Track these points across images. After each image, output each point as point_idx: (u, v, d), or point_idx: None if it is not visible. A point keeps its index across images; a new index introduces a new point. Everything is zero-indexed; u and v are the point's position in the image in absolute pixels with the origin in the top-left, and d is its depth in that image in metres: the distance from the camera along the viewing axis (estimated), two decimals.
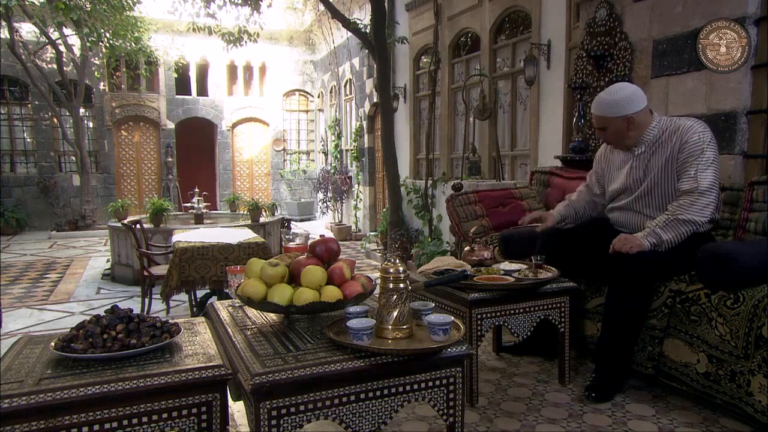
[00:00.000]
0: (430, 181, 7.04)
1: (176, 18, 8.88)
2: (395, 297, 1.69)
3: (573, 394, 2.54)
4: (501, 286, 2.42)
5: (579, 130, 4.26)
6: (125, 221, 5.13)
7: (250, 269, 1.90)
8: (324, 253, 1.96)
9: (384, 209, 8.16)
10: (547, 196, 4.11)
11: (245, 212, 6.95)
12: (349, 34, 7.97)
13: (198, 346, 1.66)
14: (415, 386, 1.63)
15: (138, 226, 4.96)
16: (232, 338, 1.74)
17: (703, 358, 2.30)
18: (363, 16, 8.16)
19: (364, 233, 9.49)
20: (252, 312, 2.04)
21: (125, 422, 1.40)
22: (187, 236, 4.62)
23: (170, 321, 1.73)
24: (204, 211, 6.88)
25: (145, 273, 4.65)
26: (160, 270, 4.58)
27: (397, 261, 1.73)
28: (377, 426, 1.58)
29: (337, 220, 10.56)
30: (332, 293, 1.81)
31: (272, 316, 1.97)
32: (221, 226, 5.96)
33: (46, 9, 9.08)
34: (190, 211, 7.08)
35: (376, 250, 7.90)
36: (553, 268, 2.60)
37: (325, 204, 10.94)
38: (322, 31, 10.84)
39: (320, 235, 2.14)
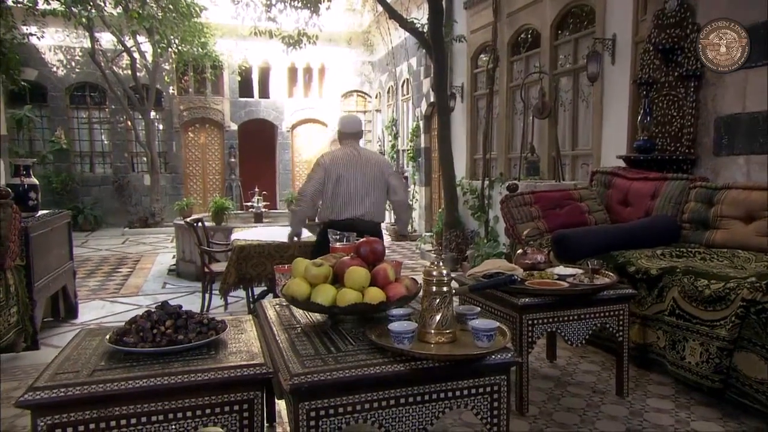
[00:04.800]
0: (486, 182, 6.91)
1: (239, 23, 9.18)
2: (438, 300, 1.65)
3: (632, 407, 2.40)
4: (554, 291, 2.32)
5: (645, 128, 4.04)
6: (188, 219, 5.34)
7: (295, 269, 1.92)
8: (369, 254, 1.95)
9: (440, 210, 8.08)
10: (608, 198, 3.93)
11: None
12: (407, 34, 7.95)
13: (243, 344, 1.68)
14: (458, 393, 1.58)
15: (200, 224, 5.14)
16: (276, 337, 1.76)
17: None
18: (421, 16, 8.11)
19: (419, 234, 9.44)
20: (298, 311, 2.05)
21: (170, 416, 1.44)
22: (245, 235, 4.75)
23: (217, 318, 1.76)
24: (263, 210, 7.05)
25: (206, 269, 4.82)
26: (220, 267, 4.73)
27: (441, 264, 1.69)
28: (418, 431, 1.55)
29: (392, 220, 10.55)
30: (375, 295, 1.79)
31: (317, 316, 1.97)
32: (278, 225, 6.10)
33: (123, 19, 9.63)
34: (250, 210, 7.29)
35: (431, 251, 7.83)
36: (611, 274, 2.47)
37: None
38: (380, 31, 10.88)
39: (366, 236, 2.13)
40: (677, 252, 3.03)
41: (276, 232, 4.89)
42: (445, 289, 1.66)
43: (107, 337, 1.63)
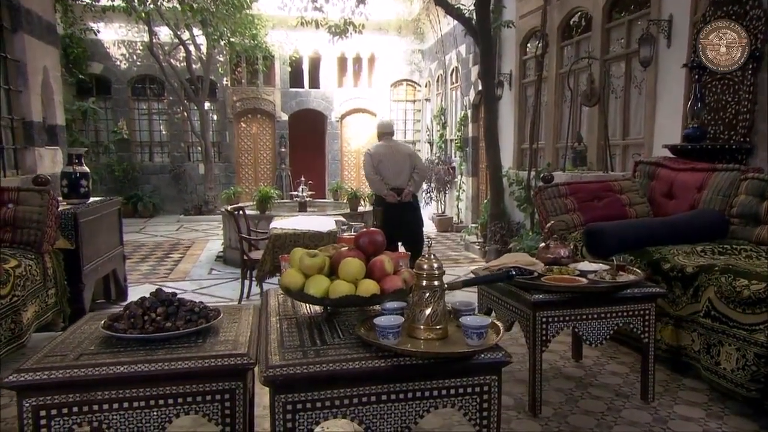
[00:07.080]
0: (533, 172, 6.67)
1: (286, 13, 9.28)
2: (428, 295, 1.59)
3: (656, 413, 2.24)
4: (570, 288, 2.19)
5: (695, 115, 3.76)
6: (229, 208, 5.46)
7: (292, 259, 1.90)
8: (368, 245, 1.90)
9: (485, 201, 7.90)
10: (651, 190, 3.69)
11: (346, 201, 7.11)
12: (456, 21, 7.77)
13: (233, 333, 1.68)
14: (443, 392, 1.51)
15: (241, 212, 5.24)
16: (267, 327, 1.75)
17: None
18: (469, 2, 7.90)
19: (465, 225, 9.28)
20: (298, 302, 2.03)
21: (152, 402, 1.46)
22: (282, 223, 4.82)
23: (210, 306, 1.77)
24: (308, 199, 7.13)
25: (245, 257, 4.91)
26: (259, 255, 4.81)
27: (433, 257, 1.62)
28: (400, 430, 1.49)
29: (439, 211, 10.43)
30: (368, 287, 1.75)
31: (316, 308, 1.95)
32: (319, 215, 6.15)
33: (178, 12, 9.97)
34: (294, 199, 7.39)
35: (475, 242, 7.68)
36: (638, 270, 2.30)
37: (428, 194, 10.85)
38: (430, 19, 10.71)
39: (367, 227, 2.08)
40: (720, 249, 2.79)
41: (315, 221, 4.92)
42: (435, 282, 1.60)
43: (101, 322, 1.67)
